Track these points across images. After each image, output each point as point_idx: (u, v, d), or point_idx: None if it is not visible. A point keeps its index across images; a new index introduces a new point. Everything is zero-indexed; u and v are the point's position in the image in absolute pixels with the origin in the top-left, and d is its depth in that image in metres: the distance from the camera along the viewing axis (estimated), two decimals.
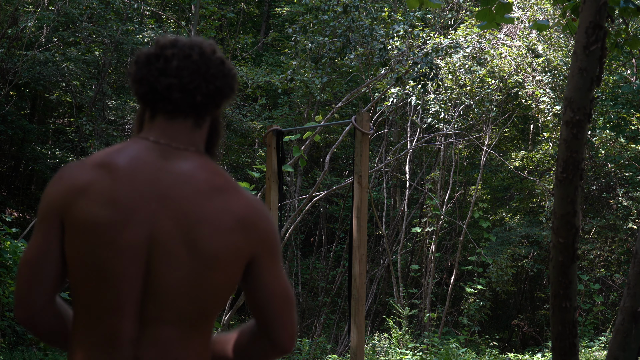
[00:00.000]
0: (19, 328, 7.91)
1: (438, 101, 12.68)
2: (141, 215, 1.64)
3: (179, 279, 1.64)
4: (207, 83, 1.72)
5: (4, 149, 15.96)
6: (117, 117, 15.54)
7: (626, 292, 3.31)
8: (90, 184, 1.65)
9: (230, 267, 1.68)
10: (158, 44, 1.73)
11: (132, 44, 14.67)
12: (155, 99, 1.74)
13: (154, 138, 1.73)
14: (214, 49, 1.75)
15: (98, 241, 1.62)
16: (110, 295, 1.63)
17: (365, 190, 5.17)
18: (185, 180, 1.67)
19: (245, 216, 1.69)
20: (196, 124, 1.76)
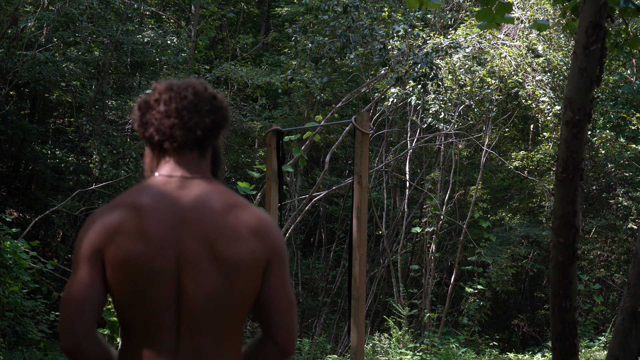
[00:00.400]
0: (19, 328, 7.92)
1: (438, 101, 12.68)
2: (168, 242, 1.88)
3: (207, 291, 1.88)
4: (204, 118, 1.96)
5: (4, 149, 15.96)
6: (117, 117, 15.53)
7: (626, 292, 3.31)
8: (122, 224, 1.89)
9: (251, 273, 1.90)
10: (156, 90, 1.97)
11: (132, 44, 14.67)
12: (162, 139, 1.95)
13: (168, 173, 1.97)
14: (205, 87, 2.00)
15: (135, 271, 1.87)
16: (151, 315, 1.88)
17: (365, 190, 5.17)
18: (201, 203, 1.91)
19: (257, 226, 1.93)
20: (201, 155, 2.00)
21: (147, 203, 1.91)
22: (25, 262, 7.43)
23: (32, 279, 7.71)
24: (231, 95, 16.04)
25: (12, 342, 8.35)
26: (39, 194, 16.41)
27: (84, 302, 1.89)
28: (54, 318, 8.38)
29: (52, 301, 10.84)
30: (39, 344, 8.00)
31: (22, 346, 8.63)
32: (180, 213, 1.90)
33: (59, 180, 16.20)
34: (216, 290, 1.88)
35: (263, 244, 1.92)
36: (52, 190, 16.35)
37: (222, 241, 1.88)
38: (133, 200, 1.92)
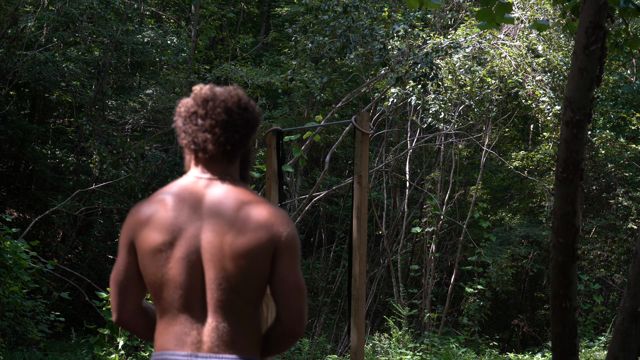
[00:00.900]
0: (19, 328, 7.92)
1: (438, 101, 12.67)
2: (189, 232, 2.16)
3: (223, 275, 2.14)
4: (234, 133, 2.21)
5: (4, 149, 15.96)
6: (117, 117, 15.53)
7: (626, 292, 3.31)
8: (151, 216, 2.19)
9: (259, 259, 2.14)
10: (195, 100, 2.22)
11: (132, 44, 14.66)
12: (196, 149, 2.22)
13: (198, 174, 2.25)
14: (238, 100, 2.24)
15: (159, 258, 2.16)
16: (176, 297, 2.16)
17: (365, 190, 5.17)
18: (220, 201, 2.19)
19: (267, 219, 2.17)
20: (229, 162, 2.26)
21: (175, 199, 2.20)
22: (25, 262, 7.44)
23: (32, 279, 7.71)
24: None
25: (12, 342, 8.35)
26: (39, 194, 16.41)
27: (121, 285, 2.24)
28: (54, 318, 8.39)
29: (52, 301, 10.84)
30: (39, 344, 8.00)
31: (22, 346, 8.64)
32: (202, 208, 2.18)
33: (59, 180, 16.20)
34: (230, 275, 2.13)
35: (270, 235, 2.15)
36: (52, 190, 16.35)
37: (233, 232, 2.14)
38: (164, 197, 2.21)
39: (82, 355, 9.17)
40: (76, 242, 15.53)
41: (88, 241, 15.48)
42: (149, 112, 15.07)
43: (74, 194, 12.92)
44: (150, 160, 14.01)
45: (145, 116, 15.30)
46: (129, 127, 15.61)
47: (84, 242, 15.62)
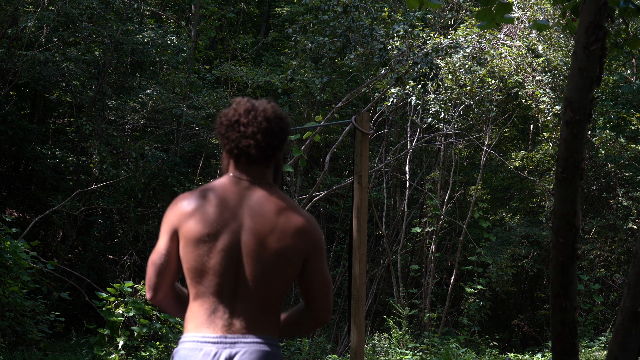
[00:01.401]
0: (19, 328, 7.92)
1: (438, 101, 12.67)
2: (231, 228, 2.41)
3: (259, 271, 2.40)
4: (273, 140, 2.48)
5: (4, 149, 15.95)
6: (117, 117, 15.52)
7: (626, 292, 3.31)
8: (196, 209, 2.42)
9: (293, 261, 2.44)
10: (237, 110, 2.51)
11: (132, 44, 14.66)
12: (238, 153, 2.48)
13: (239, 176, 2.50)
14: (275, 111, 2.51)
15: (202, 248, 2.40)
16: (213, 283, 2.40)
17: (365, 190, 5.17)
18: (261, 203, 2.45)
19: (303, 227, 2.45)
20: (267, 167, 2.53)
21: (218, 196, 2.45)
22: (25, 262, 7.44)
23: (32, 279, 7.71)
24: (231, 95, 16.04)
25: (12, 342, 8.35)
26: (39, 194, 16.40)
27: (160, 267, 2.47)
28: (54, 318, 8.38)
29: (52, 301, 10.83)
30: (39, 344, 8.00)
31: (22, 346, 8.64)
32: (244, 208, 2.45)
33: (59, 180, 16.20)
34: (265, 272, 2.41)
35: (305, 241, 2.45)
36: (52, 190, 16.34)
37: (274, 235, 2.41)
38: (209, 193, 2.46)
39: (82, 355, 9.17)
40: (76, 242, 15.53)
41: (88, 241, 15.48)
42: (149, 112, 15.06)
43: (74, 194, 12.91)
44: (150, 160, 14.01)
45: (145, 116, 15.30)
46: (129, 127, 15.60)
47: (84, 242, 15.62)
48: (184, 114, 14.19)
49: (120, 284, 8.21)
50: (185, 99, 14.68)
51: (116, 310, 8.02)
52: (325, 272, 2.50)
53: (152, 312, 8.36)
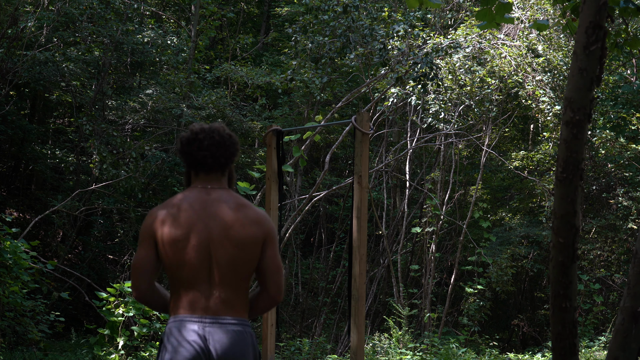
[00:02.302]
0: (19, 328, 7.92)
1: (438, 101, 12.67)
2: (199, 227, 2.93)
3: (227, 259, 2.93)
4: (225, 151, 3.03)
5: (4, 149, 15.95)
6: (117, 117, 15.52)
7: (626, 292, 3.31)
8: (167, 216, 2.95)
9: (253, 248, 2.97)
10: (193, 131, 3.02)
11: (132, 44, 14.65)
12: (197, 164, 3.02)
13: (200, 185, 3.04)
14: (224, 129, 3.07)
15: (178, 247, 2.92)
16: (191, 274, 2.91)
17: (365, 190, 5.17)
18: (222, 202, 2.99)
19: (258, 218, 3.00)
20: (222, 174, 3.08)
21: (186, 203, 2.97)
22: (25, 262, 7.44)
23: (32, 279, 7.71)
24: (231, 95, 16.04)
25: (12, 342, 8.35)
26: (39, 194, 16.40)
27: (142, 268, 2.97)
28: (54, 318, 8.38)
29: (52, 301, 10.84)
30: (39, 344, 8.00)
31: (22, 346, 8.63)
32: (208, 209, 2.97)
33: (59, 180, 16.20)
34: (232, 258, 2.93)
35: (260, 229, 2.98)
36: (52, 190, 16.34)
37: (235, 227, 2.94)
38: (176, 202, 2.99)
39: (82, 355, 9.17)
40: (76, 242, 15.53)
41: (88, 241, 15.48)
42: (149, 112, 15.06)
43: (74, 194, 12.91)
44: (150, 160, 14.01)
45: (145, 116, 15.29)
46: (129, 127, 15.60)
47: (84, 242, 15.62)
48: (184, 114, 14.19)
49: (120, 284, 8.21)
50: (185, 99, 14.68)
51: (116, 310, 8.02)
52: (277, 257, 3.02)
53: (152, 312, 8.36)
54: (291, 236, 14.34)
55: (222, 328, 2.90)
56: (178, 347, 2.90)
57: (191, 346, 2.88)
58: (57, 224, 14.35)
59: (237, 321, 2.94)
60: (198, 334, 2.88)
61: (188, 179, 3.10)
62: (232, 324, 2.93)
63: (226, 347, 2.90)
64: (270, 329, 5.49)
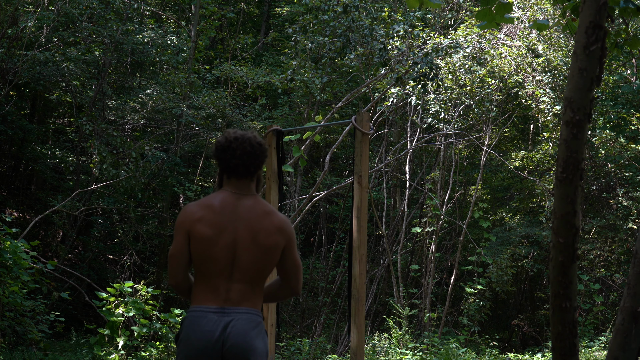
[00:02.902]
0: (19, 328, 7.91)
1: (438, 101, 12.67)
2: (229, 229, 3.29)
3: (250, 259, 3.29)
4: (255, 160, 3.37)
5: (4, 149, 15.95)
6: (117, 117, 15.51)
7: (626, 292, 3.31)
8: (202, 216, 3.29)
9: (275, 252, 3.35)
10: (227, 139, 3.36)
11: (132, 44, 14.65)
12: (230, 171, 3.37)
13: (231, 190, 3.39)
14: (256, 138, 3.41)
15: (208, 245, 3.27)
16: (216, 269, 3.27)
17: (365, 190, 5.17)
18: (249, 210, 3.35)
19: (281, 225, 3.36)
20: (251, 180, 3.42)
21: (217, 205, 3.32)
22: (25, 262, 7.43)
23: (32, 279, 7.71)
24: (231, 95, 16.04)
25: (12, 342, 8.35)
26: (39, 194, 16.40)
27: (178, 260, 3.32)
28: (54, 318, 8.38)
29: (52, 301, 10.83)
30: (39, 344, 8.00)
31: (22, 346, 8.63)
32: (238, 213, 3.33)
33: (59, 180, 16.20)
34: (254, 260, 3.30)
35: (283, 236, 3.35)
36: (52, 190, 16.34)
37: (261, 233, 3.30)
38: (210, 203, 3.33)
39: (82, 355, 9.16)
40: (76, 242, 15.53)
41: (88, 241, 15.48)
42: (149, 112, 15.06)
43: (74, 194, 12.91)
44: (150, 160, 14.00)
45: (145, 116, 15.29)
46: (129, 127, 15.59)
47: (84, 242, 15.62)
48: (184, 114, 14.19)
49: (120, 284, 8.21)
50: (185, 99, 14.68)
51: (116, 310, 8.02)
52: (297, 257, 3.43)
53: (152, 312, 8.36)
54: None
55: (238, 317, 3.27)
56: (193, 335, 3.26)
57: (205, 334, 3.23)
58: (57, 224, 14.35)
59: (251, 312, 3.31)
60: (216, 323, 3.24)
61: (220, 181, 3.43)
62: (247, 314, 3.29)
63: (241, 332, 3.25)
64: (270, 329, 5.49)
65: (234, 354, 3.22)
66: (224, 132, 3.43)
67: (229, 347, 3.21)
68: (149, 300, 8.52)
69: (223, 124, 14.54)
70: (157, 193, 15.62)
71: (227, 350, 3.21)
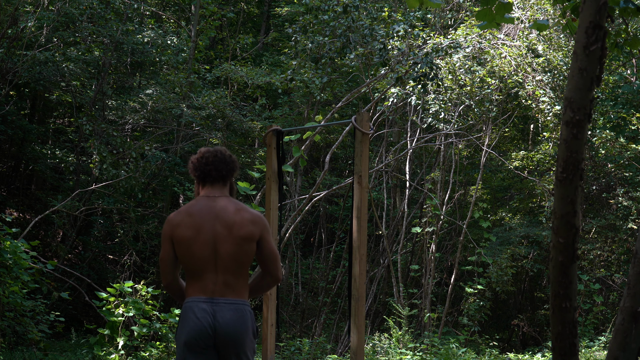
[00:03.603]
0: (19, 328, 7.91)
1: (438, 101, 12.67)
2: (206, 228, 3.71)
3: (228, 251, 3.69)
4: (226, 166, 3.84)
5: (4, 149, 15.96)
6: (117, 117, 15.51)
7: (626, 292, 3.31)
8: (181, 221, 3.74)
9: (251, 242, 3.73)
10: (201, 151, 3.85)
11: (132, 44, 14.65)
12: (204, 177, 3.84)
13: (206, 194, 3.83)
14: (226, 150, 3.90)
15: (188, 244, 3.70)
16: (200, 265, 3.69)
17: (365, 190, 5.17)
18: (224, 208, 3.77)
19: (252, 218, 3.76)
20: (224, 185, 3.87)
21: (195, 210, 3.76)
22: (25, 262, 7.43)
23: (32, 279, 7.71)
24: (231, 95, 16.04)
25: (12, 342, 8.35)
26: (39, 194, 16.40)
27: (166, 261, 3.78)
28: (54, 318, 8.38)
29: (52, 301, 10.83)
30: (39, 344, 7.99)
31: (22, 346, 8.63)
32: (214, 214, 3.74)
33: (59, 180, 16.20)
34: (234, 251, 3.70)
35: (256, 227, 3.75)
36: (52, 190, 16.34)
37: (235, 226, 3.71)
38: (188, 209, 3.78)
39: (82, 355, 9.17)
40: (76, 242, 15.53)
41: (88, 241, 15.48)
42: (149, 112, 15.06)
43: (74, 194, 12.91)
44: (150, 160, 14.01)
45: (145, 116, 15.29)
46: (129, 127, 15.60)
47: (84, 242, 15.62)
48: (184, 114, 14.19)
49: (120, 284, 8.21)
50: (185, 99, 14.68)
51: (116, 310, 8.02)
52: (273, 246, 3.82)
53: (152, 312, 8.36)
54: (291, 236, 14.34)
55: (226, 306, 3.68)
56: (189, 322, 3.68)
57: (199, 320, 3.65)
58: (57, 224, 14.35)
59: (238, 301, 3.71)
60: (207, 311, 3.66)
61: (198, 191, 3.89)
62: (234, 304, 3.70)
63: (229, 320, 3.66)
64: (270, 329, 5.49)
65: (224, 338, 3.65)
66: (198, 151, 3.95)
67: (219, 333, 3.64)
68: (149, 300, 8.52)
69: (223, 124, 14.54)
70: (157, 193, 15.62)
71: (218, 335, 3.65)
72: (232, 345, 3.67)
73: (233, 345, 3.67)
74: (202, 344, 3.65)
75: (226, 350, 3.67)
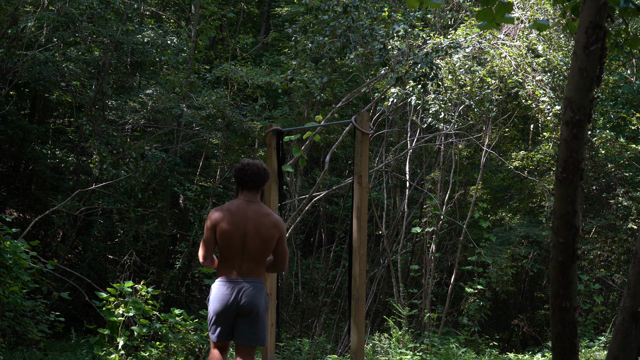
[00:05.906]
0: (19, 328, 7.91)
1: (438, 101, 12.67)
2: (241, 226, 4.79)
3: (254, 246, 4.80)
4: (260, 178, 4.87)
5: (4, 149, 15.96)
6: (117, 117, 15.51)
7: (626, 292, 3.31)
8: (223, 216, 4.80)
9: (272, 241, 4.83)
10: (243, 163, 4.91)
11: (132, 44, 14.64)
12: (243, 185, 4.87)
13: (243, 198, 4.88)
14: (262, 164, 4.93)
15: (227, 236, 4.79)
16: (232, 253, 4.81)
17: (365, 190, 5.17)
18: (255, 212, 4.84)
19: (276, 223, 4.85)
20: (257, 192, 4.90)
21: (233, 209, 4.81)
22: (25, 262, 7.43)
23: (32, 279, 7.70)
24: (231, 95, 16.04)
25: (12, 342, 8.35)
26: (39, 194, 16.40)
27: (209, 245, 4.84)
28: (54, 318, 8.38)
29: (52, 301, 10.83)
30: (39, 344, 7.99)
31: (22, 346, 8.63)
32: (247, 215, 4.81)
33: (59, 180, 16.20)
34: (258, 246, 4.80)
35: (277, 230, 4.83)
36: (52, 190, 16.34)
37: (262, 228, 4.79)
38: (229, 207, 4.84)
39: (82, 355, 9.16)
40: (76, 242, 15.53)
41: (88, 241, 15.48)
42: (149, 112, 15.06)
43: (74, 194, 12.90)
44: (150, 160, 14.01)
45: (145, 116, 15.29)
46: (129, 127, 15.60)
47: (84, 242, 15.62)
48: (184, 114, 14.19)
49: (120, 284, 8.21)
50: (185, 99, 14.68)
51: (116, 310, 8.02)
52: (285, 246, 4.92)
53: (152, 312, 8.36)
54: (291, 236, 14.34)
55: (248, 284, 4.80)
56: (219, 295, 4.81)
57: (225, 295, 4.79)
58: (57, 224, 14.35)
59: (256, 280, 4.83)
60: (232, 288, 4.78)
61: (237, 192, 4.92)
62: (254, 282, 4.82)
63: (249, 294, 4.78)
64: (270, 329, 5.49)
65: (246, 308, 4.78)
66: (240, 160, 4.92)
67: (242, 304, 4.77)
68: (149, 300, 8.52)
69: (223, 124, 14.54)
70: (157, 193, 15.62)
71: (240, 306, 4.78)
72: (253, 307, 4.77)
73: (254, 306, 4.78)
74: (227, 311, 4.78)
75: (250, 310, 4.76)
